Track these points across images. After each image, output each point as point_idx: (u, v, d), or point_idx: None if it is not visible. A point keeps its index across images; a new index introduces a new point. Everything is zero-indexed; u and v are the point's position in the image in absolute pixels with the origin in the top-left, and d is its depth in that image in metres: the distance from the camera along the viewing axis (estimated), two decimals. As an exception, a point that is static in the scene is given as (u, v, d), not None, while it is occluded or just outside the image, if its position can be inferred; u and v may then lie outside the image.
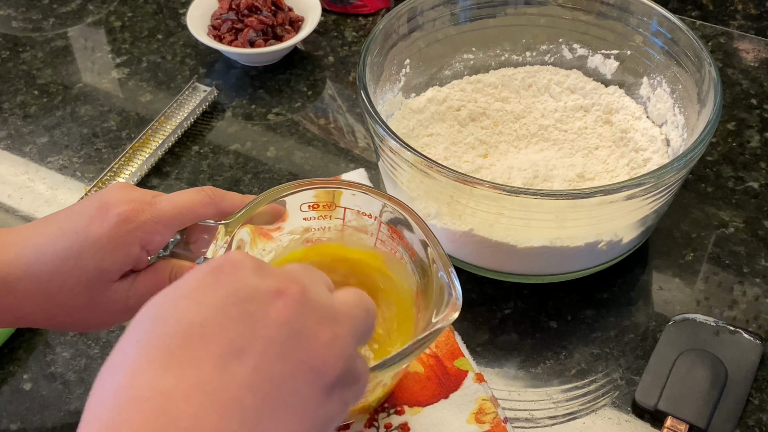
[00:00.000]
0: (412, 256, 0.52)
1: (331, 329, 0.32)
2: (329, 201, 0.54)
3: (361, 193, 0.54)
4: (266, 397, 0.29)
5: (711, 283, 0.64)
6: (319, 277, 0.35)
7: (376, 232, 0.55)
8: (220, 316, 0.30)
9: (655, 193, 0.57)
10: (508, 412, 0.56)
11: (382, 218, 0.54)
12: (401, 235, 0.53)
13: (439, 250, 0.50)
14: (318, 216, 0.56)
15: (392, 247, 0.55)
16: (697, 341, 0.58)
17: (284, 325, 0.30)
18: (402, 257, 0.54)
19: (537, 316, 0.62)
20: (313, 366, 0.31)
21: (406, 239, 0.53)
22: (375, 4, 0.90)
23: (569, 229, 0.59)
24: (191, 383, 0.28)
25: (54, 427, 0.56)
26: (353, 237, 0.57)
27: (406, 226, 0.52)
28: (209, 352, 0.29)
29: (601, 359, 0.60)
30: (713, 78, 0.61)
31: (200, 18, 0.83)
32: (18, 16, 0.91)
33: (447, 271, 0.49)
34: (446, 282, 0.48)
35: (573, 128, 0.71)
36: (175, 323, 0.30)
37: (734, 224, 0.69)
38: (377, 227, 0.55)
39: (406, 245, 0.53)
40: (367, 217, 0.55)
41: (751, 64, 0.84)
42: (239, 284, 0.31)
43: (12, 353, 0.60)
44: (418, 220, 0.51)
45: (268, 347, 0.30)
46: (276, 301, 0.31)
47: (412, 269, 0.53)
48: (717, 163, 0.74)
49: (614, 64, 0.73)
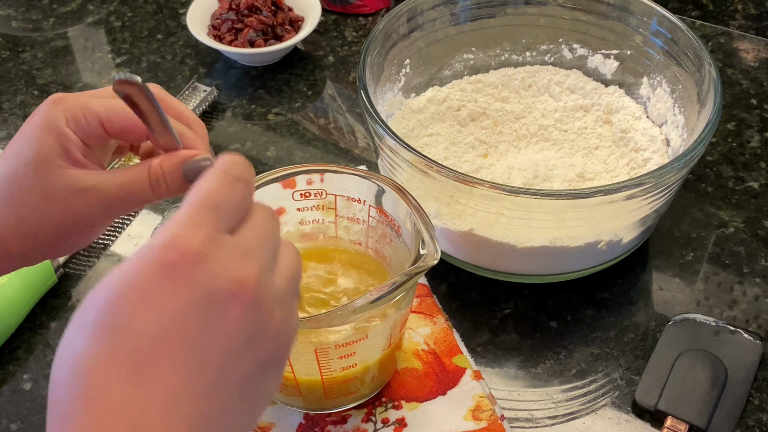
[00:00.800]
0: (399, 233, 0.54)
1: (279, 317, 0.34)
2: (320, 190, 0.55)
3: (348, 173, 0.54)
4: (226, 401, 0.32)
5: (711, 283, 0.64)
6: (270, 246, 0.35)
7: (366, 217, 0.56)
8: (182, 332, 0.31)
9: (655, 193, 0.57)
10: (508, 412, 0.56)
11: (369, 200, 0.55)
12: (386, 213, 0.54)
13: (422, 215, 0.51)
14: (312, 206, 0.56)
15: (383, 231, 0.55)
16: (697, 341, 0.58)
17: (240, 331, 0.32)
18: (392, 240, 0.55)
19: (537, 316, 0.62)
20: (265, 362, 0.33)
21: (391, 216, 0.54)
22: (375, 4, 0.90)
23: (569, 229, 0.59)
24: (161, 398, 0.30)
25: (54, 427, 0.56)
26: (347, 231, 0.57)
27: (390, 201, 0.53)
28: (175, 366, 0.30)
29: (601, 359, 0.60)
30: (713, 78, 0.61)
31: (200, 18, 0.83)
32: (18, 16, 0.91)
33: (428, 229, 0.50)
34: (427, 242, 0.49)
35: (573, 128, 0.71)
36: (138, 337, 0.30)
37: (734, 224, 0.69)
38: (367, 212, 0.56)
39: (392, 223, 0.54)
40: (356, 202, 0.55)
41: (750, 64, 0.84)
42: (196, 290, 0.31)
43: (12, 353, 0.60)
44: (398, 190, 0.52)
45: (227, 356, 0.32)
46: (233, 305, 0.32)
47: (404, 246, 0.53)
48: (717, 163, 0.74)
49: (614, 64, 0.73)
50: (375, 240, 0.57)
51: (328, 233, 0.58)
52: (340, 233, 0.58)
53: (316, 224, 0.58)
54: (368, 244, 0.58)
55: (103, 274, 0.65)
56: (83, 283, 0.65)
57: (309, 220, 0.57)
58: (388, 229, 0.55)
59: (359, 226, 0.57)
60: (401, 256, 0.54)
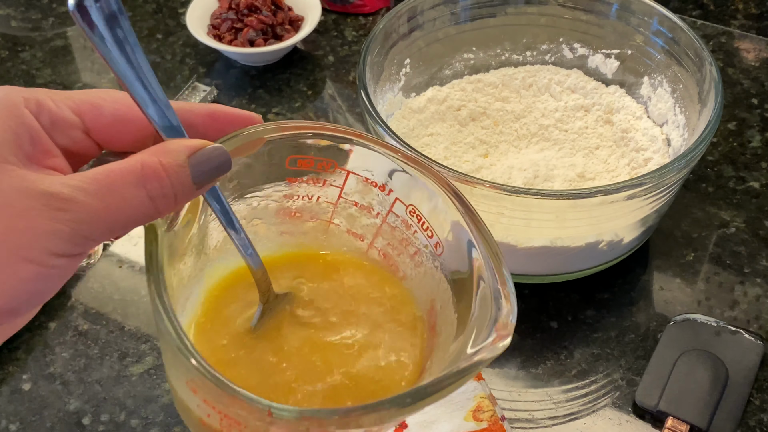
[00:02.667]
0: (437, 250, 0.39)
1: None
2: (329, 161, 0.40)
3: (376, 150, 0.39)
4: None
5: (712, 283, 0.64)
6: None
7: (386, 212, 0.41)
8: None
9: (656, 193, 0.57)
10: (509, 412, 0.56)
11: (400, 193, 0.40)
12: (422, 217, 0.40)
13: (493, 246, 0.37)
14: (310, 179, 0.41)
15: (405, 237, 0.41)
16: (698, 341, 0.58)
17: None
18: (418, 253, 0.41)
19: (537, 317, 0.62)
20: None
21: (429, 224, 0.39)
22: (375, 4, 0.90)
23: (570, 229, 0.58)
24: None
25: (53, 427, 0.56)
26: (351, 221, 0.43)
27: (434, 207, 0.38)
28: None
29: (601, 359, 0.60)
30: (714, 78, 0.61)
31: (200, 17, 0.83)
32: (17, 16, 0.91)
33: (499, 272, 0.35)
34: (494, 291, 0.34)
35: (573, 128, 0.71)
36: None
37: (735, 224, 0.68)
38: (389, 205, 0.41)
39: (426, 232, 0.40)
40: (377, 188, 0.41)
41: (751, 63, 0.84)
42: None
43: (11, 353, 0.60)
44: (458, 199, 0.38)
45: None
46: None
47: (437, 269, 0.40)
48: (718, 162, 0.74)
49: (615, 64, 0.73)
50: (388, 243, 0.42)
51: (319, 217, 0.43)
52: (338, 221, 0.43)
53: (307, 202, 0.42)
54: (375, 244, 0.43)
55: (103, 274, 0.65)
56: (82, 284, 0.65)
57: (300, 195, 0.42)
58: (418, 238, 0.40)
59: (370, 219, 0.42)
60: (428, 284, 0.40)
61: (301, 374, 0.38)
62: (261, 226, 0.43)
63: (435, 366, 0.37)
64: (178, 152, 0.31)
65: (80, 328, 0.61)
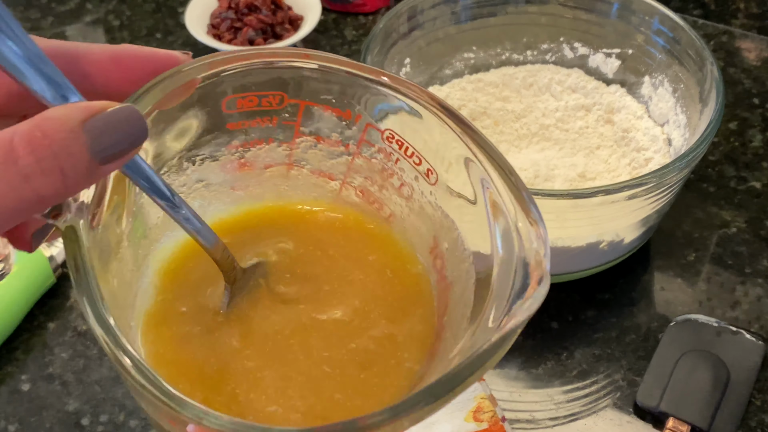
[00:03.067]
0: (430, 179, 0.32)
1: None
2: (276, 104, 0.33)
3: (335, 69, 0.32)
4: None
5: (713, 283, 0.64)
6: None
7: (357, 142, 0.34)
8: None
9: (657, 193, 0.57)
10: (509, 413, 0.56)
11: (367, 115, 0.33)
12: (405, 143, 0.32)
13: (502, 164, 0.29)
14: (254, 121, 0.34)
15: (384, 167, 0.34)
16: (699, 342, 0.58)
17: None
18: (405, 185, 0.34)
19: (538, 317, 0.62)
20: None
21: (420, 153, 0.32)
22: (375, 3, 0.90)
23: (570, 229, 0.58)
24: None
25: (52, 427, 0.56)
26: (317, 160, 0.36)
27: (419, 127, 0.31)
28: None
29: (602, 360, 0.59)
30: (715, 77, 0.61)
31: (199, 17, 0.83)
32: (16, 15, 0.91)
33: (516, 195, 0.28)
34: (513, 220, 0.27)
35: (574, 128, 0.70)
36: None
37: (736, 224, 0.68)
38: (359, 133, 0.34)
39: (414, 161, 0.32)
40: (340, 115, 0.34)
41: (753, 63, 0.83)
42: None
43: (10, 354, 0.60)
44: (449, 114, 0.30)
45: None
46: None
47: (434, 202, 0.33)
48: (719, 162, 0.73)
49: (616, 63, 0.73)
50: (365, 178, 0.35)
51: (276, 162, 0.35)
52: (300, 162, 0.36)
53: (258, 148, 0.35)
54: (350, 182, 0.35)
55: (101, 274, 0.65)
56: (82, 284, 0.64)
57: (247, 142, 0.35)
58: (403, 168, 0.33)
59: (339, 155, 0.35)
60: (425, 221, 0.33)
61: (277, 361, 0.31)
62: (207, 189, 0.35)
63: (454, 323, 0.29)
64: (67, 117, 0.23)
65: (79, 329, 0.61)
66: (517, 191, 0.28)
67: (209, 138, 0.34)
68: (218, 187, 0.35)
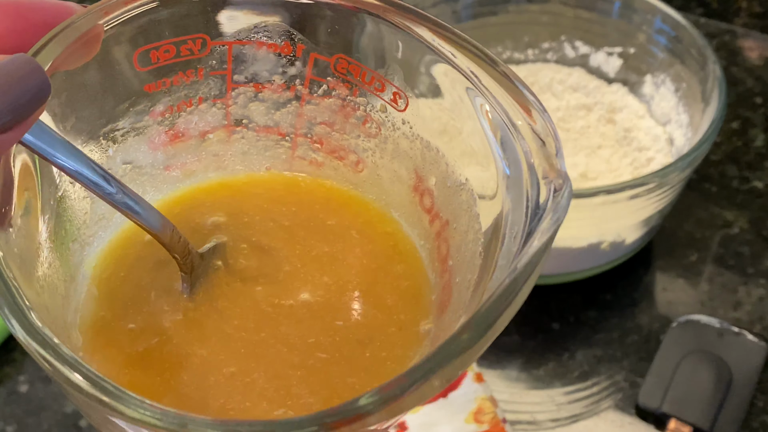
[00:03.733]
0: (398, 104, 0.27)
1: None
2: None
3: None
4: None
5: (715, 284, 0.64)
6: None
7: (303, 81, 0.28)
8: None
9: (659, 193, 0.57)
10: (510, 414, 0.56)
11: (311, 44, 0.27)
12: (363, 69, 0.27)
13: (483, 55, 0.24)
14: (174, 77, 0.28)
15: (341, 105, 0.29)
16: (701, 343, 0.58)
17: None
18: (369, 120, 0.28)
19: (539, 318, 0.62)
20: None
21: (381, 75, 0.27)
22: (376, 2, 0.89)
23: (571, 229, 0.58)
24: None
25: (50, 429, 0.56)
26: (256, 117, 0.30)
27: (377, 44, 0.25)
28: None
29: (604, 361, 0.59)
30: (717, 76, 0.61)
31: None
32: None
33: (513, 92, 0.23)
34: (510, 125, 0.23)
35: (575, 127, 0.70)
36: None
37: (739, 224, 0.68)
38: (304, 69, 0.28)
39: (380, 87, 0.27)
40: (277, 51, 0.28)
41: (755, 62, 0.83)
42: None
43: (8, 355, 0.60)
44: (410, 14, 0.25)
45: None
46: None
47: (408, 134, 0.28)
48: (721, 162, 0.73)
49: (617, 62, 0.73)
50: (321, 123, 0.30)
51: (212, 125, 0.30)
52: (240, 120, 0.30)
53: (187, 111, 0.29)
54: (303, 133, 0.30)
55: (100, 274, 0.65)
56: (81, 284, 0.64)
57: (172, 105, 0.29)
58: (365, 99, 0.28)
59: (286, 102, 0.30)
60: (402, 157, 0.28)
61: (262, 361, 0.26)
62: (137, 173, 0.29)
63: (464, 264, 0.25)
64: None
65: (78, 329, 0.61)
66: (507, 83, 0.23)
67: (126, 106, 0.27)
68: (150, 169, 0.30)
